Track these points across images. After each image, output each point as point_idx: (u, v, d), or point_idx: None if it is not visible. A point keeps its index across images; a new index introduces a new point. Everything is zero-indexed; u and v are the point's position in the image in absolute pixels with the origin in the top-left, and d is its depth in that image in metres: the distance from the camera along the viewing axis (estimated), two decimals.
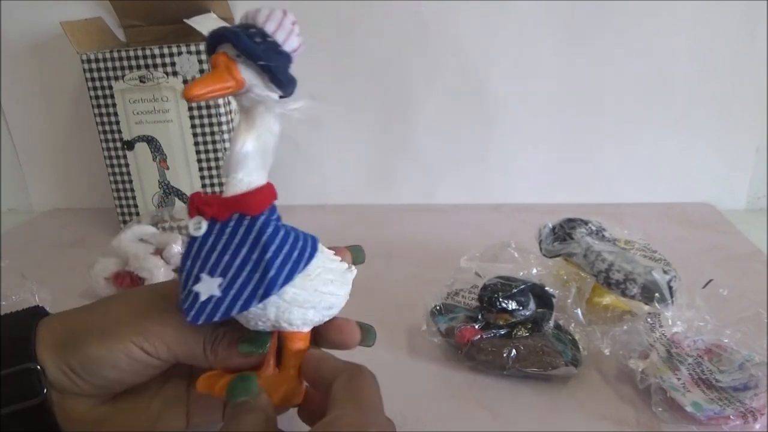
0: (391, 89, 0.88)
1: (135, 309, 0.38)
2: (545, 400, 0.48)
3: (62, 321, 0.39)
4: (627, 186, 0.89)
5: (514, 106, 0.87)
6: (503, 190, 0.91)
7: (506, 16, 0.82)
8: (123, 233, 0.69)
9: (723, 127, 0.84)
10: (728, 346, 0.48)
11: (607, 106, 0.85)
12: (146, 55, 0.74)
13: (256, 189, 0.35)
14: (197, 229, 0.34)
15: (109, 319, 0.38)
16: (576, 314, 0.54)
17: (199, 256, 0.34)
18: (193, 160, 0.79)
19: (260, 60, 0.34)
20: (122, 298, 0.40)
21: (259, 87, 0.34)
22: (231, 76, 0.33)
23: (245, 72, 0.34)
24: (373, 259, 0.39)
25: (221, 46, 0.34)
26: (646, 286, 0.52)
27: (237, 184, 0.35)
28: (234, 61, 0.33)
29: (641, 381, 0.46)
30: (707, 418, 0.43)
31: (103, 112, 0.78)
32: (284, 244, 0.34)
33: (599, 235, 0.59)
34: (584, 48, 0.82)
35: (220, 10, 0.83)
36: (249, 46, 0.33)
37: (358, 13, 0.84)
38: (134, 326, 0.37)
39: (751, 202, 0.88)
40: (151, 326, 0.37)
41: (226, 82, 0.33)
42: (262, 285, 0.33)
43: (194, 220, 0.34)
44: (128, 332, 0.37)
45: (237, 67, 0.33)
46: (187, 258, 0.34)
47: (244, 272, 0.33)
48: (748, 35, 0.79)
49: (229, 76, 0.33)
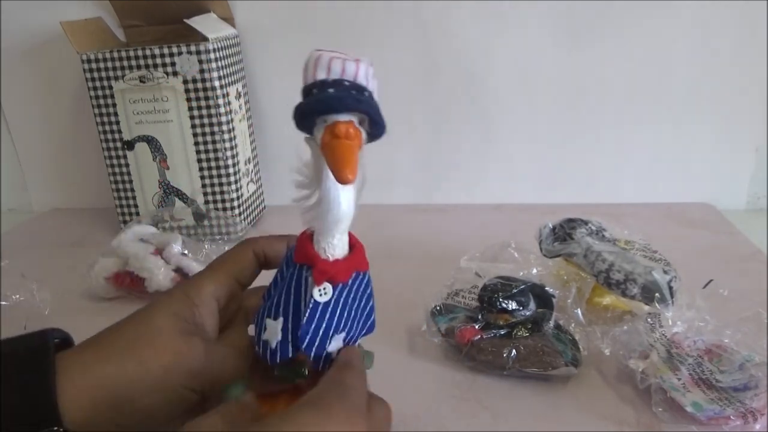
0: (390, 89, 0.88)
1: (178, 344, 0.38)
2: (545, 400, 0.48)
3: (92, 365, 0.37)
4: (627, 186, 0.89)
5: (514, 106, 0.87)
6: (503, 190, 0.91)
7: (506, 16, 0.82)
8: (123, 233, 0.69)
9: (723, 127, 0.84)
10: (728, 346, 0.48)
11: (607, 106, 0.85)
12: (146, 55, 0.74)
13: (357, 242, 0.37)
14: (324, 295, 0.35)
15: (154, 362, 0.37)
16: (576, 314, 0.54)
17: (324, 317, 0.35)
18: (193, 160, 0.79)
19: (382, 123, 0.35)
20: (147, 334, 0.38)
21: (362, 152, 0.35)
22: (359, 147, 0.34)
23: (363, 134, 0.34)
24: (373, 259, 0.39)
25: (344, 115, 0.33)
26: (647, 286, 0.52)
27: (346, 243, 0.36)
28: (359, 129, 0.34)
29: (641, 381, 0.46)
30: (707, 419, 0.43)
31: (104, 112, 0.78)
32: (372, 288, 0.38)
33: (599, 235, 0.59)
34: (584, 48, 0.82)
35: (220, 10, 0.83)
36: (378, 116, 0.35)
37: (358, 14, 0.84)
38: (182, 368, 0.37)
39: (751, 202, 0.88)
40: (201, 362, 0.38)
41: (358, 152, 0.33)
42: (365, 328, 0.38)
43: (321, 287, 0.35)
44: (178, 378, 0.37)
45: (362, 134, 0.34)
46: (313, 320, 0.35)
47: (357, 322, 0.37)
48: (748, 35, 0.79)
49: (360, 144, 0.34)
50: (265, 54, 0.87)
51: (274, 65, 0.88)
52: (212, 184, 0.80)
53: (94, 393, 0.35)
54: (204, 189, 0.80)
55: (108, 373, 0.36)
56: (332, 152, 0.33)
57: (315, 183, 0.35)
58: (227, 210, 0.81)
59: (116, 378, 0.36)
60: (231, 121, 0.78)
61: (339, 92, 0.34)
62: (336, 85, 0.34)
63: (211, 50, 0.74)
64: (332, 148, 0.33)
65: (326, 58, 0.34)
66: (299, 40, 0.86)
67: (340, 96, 0.33)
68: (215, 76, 0.75)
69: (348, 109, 0.34)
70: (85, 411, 0.35)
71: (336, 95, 0.34)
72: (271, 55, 0.87)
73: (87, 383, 0.35)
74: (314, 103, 0.34)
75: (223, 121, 0.77)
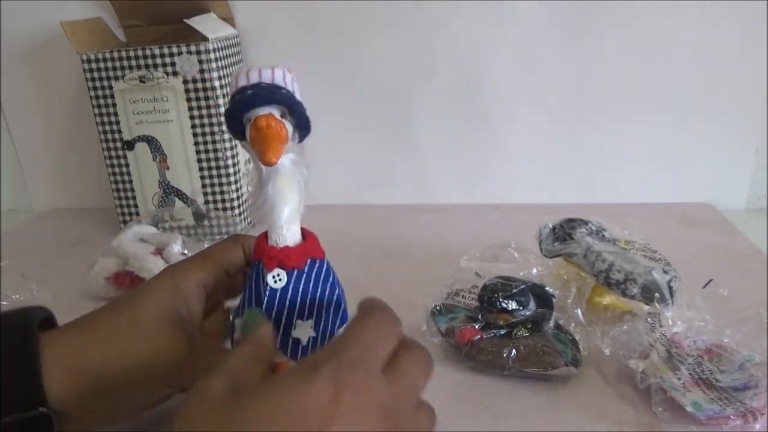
0: (390, 89, 0.88)
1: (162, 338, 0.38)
2: (545, 400, 0.48)
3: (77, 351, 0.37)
4: (627, 186, 0.89)
5: (514, 106, 0.87)
6: (503, 190, 0.91)
7: (506, 16, 0.82)
8: (123, 233, 0.69)
9: (723, 127, 0.84)
10: (728, 346, 0.48)
11: (608, 106, 0.85)
12: (146, 55, 0.74)
13: (310, 233, 0.39)
14: (279, 281, 0.37)
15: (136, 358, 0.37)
16: (576, 314, 0.54)
17: (284, 304, 0.37)
18: (193, 160, 0.79)
19: (304, 115, 0.37)
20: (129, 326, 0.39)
21: (293, 138, 0.37)
22: (283, 135, 0.36)
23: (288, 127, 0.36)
24: (373, 259, 0.39)
25: (263, 108, 0.36)
26: (647, 286, 0.52)
27: (296, 233, 0.38)
28: (281, 121, 0.36)
29: (641, 381, 0.46)
30: (707, 418, 0.43)
31: (104, 112, 0.78)
32: (337, 279, 0.39)
33: (599, 235, 0.59)
34: (584, 48, 0.82)
35: (220, 10, 0.83)
36: (297, 106, 0.37)
37: (357, 13, 0.84)
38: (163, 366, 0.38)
39: (751, 202, 0.88)
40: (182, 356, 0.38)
41: (284, 141, 0.36)
42: (339, 317, 0.38)
43: (274, 273, 0.37)
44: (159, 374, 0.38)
45: (285, 125, 0.36)
46: (272, 308, 0.37)
47: (324, 310, 0.37)
48: (748, 35, 0.79)
49: (284, 135, 0.36)
50: (265, 54, 0.87)
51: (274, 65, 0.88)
52: (212, 184, 0.80)
53: (76, 377, 0.36)
54: (204, 189, 0.80)
55: (89, 360, 0.37)
56: (255, 141, 0.35)
57: (259, 185, 0.37)
58: (227, 210, 0.81)
59: (97, 366, 0.37)
60: None
61: (256, 90, 0.36)
62: (255, 87, 0.36)
63: (211, 50, 0.74)
64: (255, 138, 0.35)
65: (245, 69, 0.37)
66: (299, 40, 0.86)
67: (256, 92, 0.36)
68: (215, 76, 0.75)
69: (264, 101, 0.36)
70: (67, 393, 0.36)
71: (254, 93, 0.36)
72: (271, 55, 0.87)
73: (69, 366, 0.36)
74: (237, 104, 0.36)
75: (224, 120, 0.77)
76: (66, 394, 0.36)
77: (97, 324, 0.39)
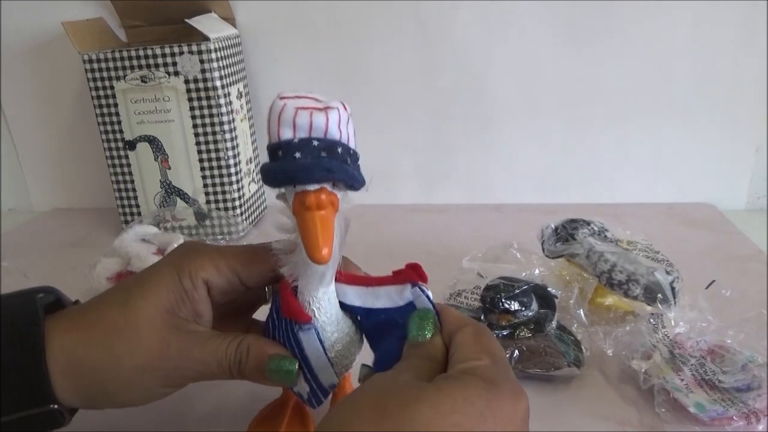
0: (391, 89, 0.88)
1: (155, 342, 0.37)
2: (548, 400, 0.48)
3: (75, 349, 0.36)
4: (628, 186, 0.89)
5: (515, 106, 0.87)
6: (504, 190, 0.91)
7: (506, 16, 0.82)
8: (125, 233, 0.69)
9: (723, 127, 0.84)
10: (731, 346, 0.48)
11: (608, 106, 0.85)
12: (148, 55, 0.74)
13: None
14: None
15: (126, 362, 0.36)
16: (578, 315, 0.54)
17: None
18: (195, 160, 0.79)
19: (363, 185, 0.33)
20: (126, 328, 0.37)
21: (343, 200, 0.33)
22: (334, 211, 0.32)
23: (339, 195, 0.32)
24: (373, 259, 0.39)
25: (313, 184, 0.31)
26: (649, 286, 0.52)
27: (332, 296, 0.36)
28: (333, 193, 0.31)
29: (644, 382, 0.46)
30: (710, 419, 0.43)
31: (105, 112, 0.78)
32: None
33: (602, 235, 0.59)
34: (585, 48, 0.82)
35: (221, 10, 0.83)
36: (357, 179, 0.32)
37: (358, 14, 0.84)
38: (156, 371, 0.37)
39: (751, 202, 0.88)
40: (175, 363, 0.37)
41: (333, 220, 0.31)
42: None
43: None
44: (153, 378, 0.37)
45: (337, 199, 0.32)
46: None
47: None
48: (748, 35, 0.79)
49: (334, 212, 0.32)
50: (267, 54, 0.87)
51: (275, 65, 0.88)
52: (214, 184, 0.80)
53: (75, 375, 0.36)
54: (205, 189, 0.80)
55: (87, 361, 0.36)
56: (303, 225, 0.31)
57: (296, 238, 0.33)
58: (229, 210, 0.81)
59: (94, 367, 0.36)
60: (232, 121, 0.78)
61: (306, 159, 0.30)
62: (303, 148, 0.30)
63: (213, 50, 0.74)
64: (303, 221, 0.31)
65: (290, 112, 0.30)
66: (300, 40, 0.86)
67: (307, 166, 0.30)
68: (216, 75, 0.75)
69: (316, 180, 0.31)
70: (67, 390, 0.36)
71: (302, 164, 0.30)
72: (272, 55, 0.87)
73: (69, 364, 0.36)
74: (279, 173, 0.31)
75: (225, 120, 0.77)
76: (66, 390, 0.36)
77: (92, 324, 0.37)
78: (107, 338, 0.36)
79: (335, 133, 0.31)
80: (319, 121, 0.31)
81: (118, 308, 0.37)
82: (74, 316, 0.38)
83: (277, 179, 0.31)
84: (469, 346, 0.32)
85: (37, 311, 0.37)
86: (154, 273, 0.38)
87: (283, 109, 0.30)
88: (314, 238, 0.30)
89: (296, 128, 0.30)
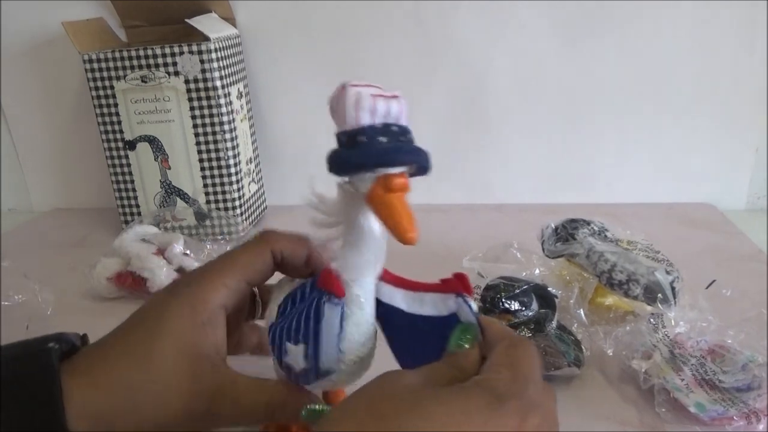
0: (391, 89, 0.88)
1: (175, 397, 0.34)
2: None
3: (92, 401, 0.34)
4: (627, 186, 0.89)
5: (515, 106, 0.87)
6: (504, 190, 0.91)
7: (506, 16, 0.82)
8: (125, 233, 0.69)
9: (723, 127, 0.84)
10: (731, 346, 0.48)
11: (608, 106, 0.85)
12: (148, 55, 0.74)
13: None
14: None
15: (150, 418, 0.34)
16: (579, 315, 0.54)
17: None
18: (195, 160, 0.79)
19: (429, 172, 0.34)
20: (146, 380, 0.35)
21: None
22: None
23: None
24: None
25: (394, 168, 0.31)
26: (649, 286, 0.52)
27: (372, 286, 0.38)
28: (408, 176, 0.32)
29: (644, 381, 0.46)
30: (710, 419, 0.43)
31: (105, 112, 0.78)
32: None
33: (602, 235, 0.59)
34: (585, 48, 0.82)
35: (221, 11, 0.83)
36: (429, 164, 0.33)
37: (358, 14, 0.84)
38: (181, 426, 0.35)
39: (750, 202, 0.88)
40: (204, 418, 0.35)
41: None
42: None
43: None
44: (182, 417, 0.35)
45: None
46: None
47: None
48: (748, 35, 0.79)
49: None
50: (267, 54, 0.87)
51: (275, 65, 0.88)
52: (214, 184, 0.80)
53: (93, 421, 0.34)
54: (205, 189, 0.80)
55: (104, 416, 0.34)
56: (390, 209, 0.31)
57: (342, 225, 0.34)
58: (229, 210, 0.81)
59: (113, 419, 0.34)
60: (232, 121, 0.78)
61: (393, 143, 0.31)
62: (386, 133, 0.31)
63: (213, 50, 0.74)
64: (390, 205, 0.31)
65: (368, 98, 0.31)
66: (300, 40, 0.86)
67: (397, 148, 0.31)
68: (216, 75, 0.75)
69: (407, 162, 0.32)
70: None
71: (391, 147, 0.31)
72: (272, 55, 0.87)
73: (87, 412, 0.34)
74: (368, 157, 0.31)
75: (225, 120, 0.77)
76: None
77: (110, 373, 0.35)
78: (129, 394, 0.34)
79: (405, 120, 0.33)
80: (395, 108, 0.32)
81: (137, 356, 0.35)
82: (93, 370, 0.35)
83: (363, 163, 0.31)
84: (496, 358, 0.31)
85: (53, 365, 0.33)
86: (168, 312, 0.36)
87: (359, 97, 0.31)
88: (404, 219, 0.31)
89: (375, 114, 0.31)
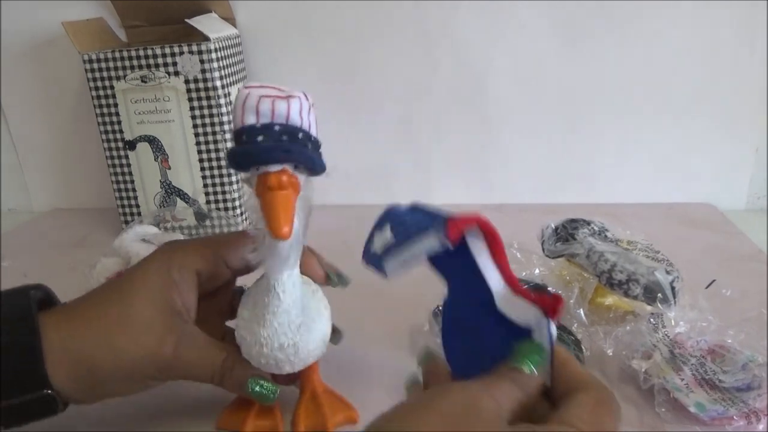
0: (391, 89, 0.88)
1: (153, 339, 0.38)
2: None
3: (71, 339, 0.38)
4: (627, 186, 0.89)
5: (515, 106, 0.87)
6: (504, 190, 0.91)
7: (506, 16, 0.82)
8: (125, 233, 0.69)
9: (723, 127, 0.84)
10: (731, 346, 0.48)
11: (608, 106, 0.85)
12: (148, 55, 0.74)
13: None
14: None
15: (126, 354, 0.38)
16: (579, 315, 0.54)
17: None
18: (195, 160, 0.79)
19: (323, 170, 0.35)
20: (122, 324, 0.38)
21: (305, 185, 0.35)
22: (296, 192, 0.34)
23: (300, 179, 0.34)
24: None
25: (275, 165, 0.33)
26: (649, 286, 0.52)
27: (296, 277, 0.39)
28: (294, 175, 0.33)
29: (644, 381, 0.46)
30: (710, 419, 0.43)
31: (105, 112, 0.78)
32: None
33: (602, 235, 0.59)
34: (585, 48, 0.82)
35: (221, 11, 0.83)
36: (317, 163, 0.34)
37: (358, 14, 0.84)
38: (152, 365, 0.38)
39: (750, 202, 0.88)
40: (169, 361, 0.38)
41: (294, 200, 0.33)
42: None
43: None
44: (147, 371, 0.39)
45: (298, 181, 0.34)
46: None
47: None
48: (748, 36, 0.79)
49: (297, 191, 0.34)
50: (267, 54, 0.87)
51: (275, 65, 0.88)
52: (214, 184, 0.80)
53: (70, 365, 0.37)
54: (205, 189, 0.80)
55: (82, 353, 0.37)
56: (265, 205, 0.33)
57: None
58: (229, 210, 0.81)
59: (89, 359, 0.37)
60: (232, 121, 0.78)
61: (268, 142, 0.32)
62: (265, 132, 0.33)
63: (213, 50, 0.74)
64: (265, 200, 0.33)
65: (254, 99, 0.33)
66: (300, 40, 0.86)
67: (269, 147, 0.32)
68: (217, 75, 0.75)
69: (277, 161, 0.33)
70: (63, 379, 0.37)
71: (264, 147, 0.33)
72: (272, 55, 0.87)
73: (64, 355, 0.37)
74: (241, 156, 0.33)
75: (225, 120, 0.77)
76: (61, 379, 0.37)
77: (90, 317, 0.39)
78: (107, 333, 0.38)
79: (296, 120, 0.33)
80: (281, 108, 0.33)
81: (117, 304, 0.39)
82: (69, 311, 0.39)
83: (241, 162, 0.33)
84: (580, 413, 0.29)
85: (30, 305, 0.38)
86: (145, 270, 0.40)
87: (246, 97, 0.33)
88: (276, 215, 0.32)
89: (259, 114, 0.33)
